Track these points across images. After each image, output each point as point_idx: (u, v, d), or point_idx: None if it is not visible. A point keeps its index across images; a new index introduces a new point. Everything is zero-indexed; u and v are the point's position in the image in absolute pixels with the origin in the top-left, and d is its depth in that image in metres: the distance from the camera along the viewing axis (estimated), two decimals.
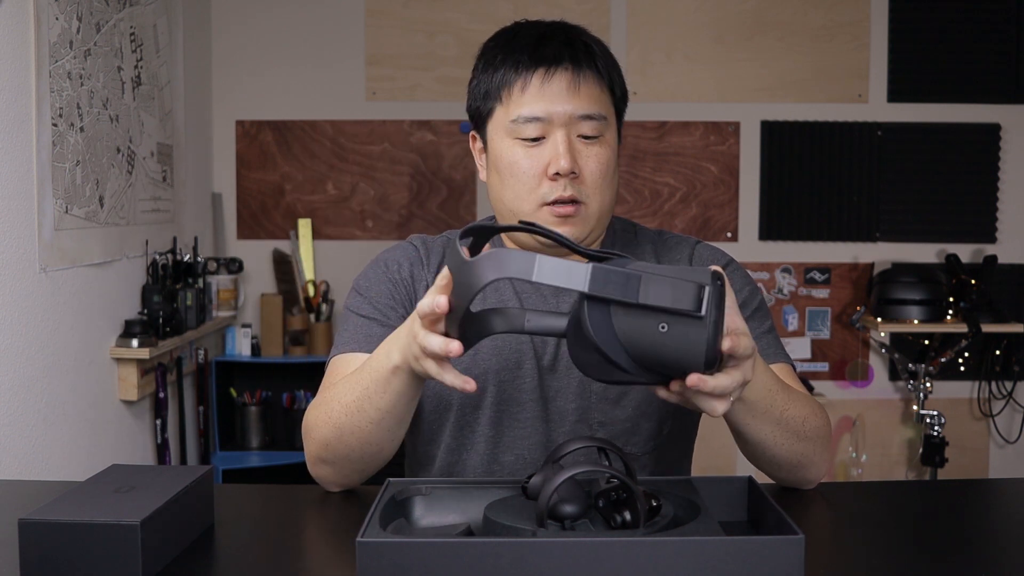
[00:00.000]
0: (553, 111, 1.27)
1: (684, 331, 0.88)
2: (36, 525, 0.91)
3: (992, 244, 3.52)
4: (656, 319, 0.88)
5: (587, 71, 1.29)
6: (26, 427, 2.16)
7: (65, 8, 2.31)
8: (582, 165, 1.28)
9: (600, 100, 1.30)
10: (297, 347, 3.42)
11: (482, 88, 1.34)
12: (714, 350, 0.89)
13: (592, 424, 1.31)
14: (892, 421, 3.59)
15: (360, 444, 1.20)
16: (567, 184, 1.27)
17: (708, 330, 0.87)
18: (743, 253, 3.50)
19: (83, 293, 2.44)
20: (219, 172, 3.57)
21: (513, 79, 1.29)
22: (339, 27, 3.52)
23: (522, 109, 1.28)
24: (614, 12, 3.50)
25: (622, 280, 0.88)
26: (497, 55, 1.32)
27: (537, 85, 1.28)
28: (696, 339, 0.88)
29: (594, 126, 1.29)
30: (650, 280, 0.88)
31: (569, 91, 1.28)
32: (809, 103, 3.52)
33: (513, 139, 1.30)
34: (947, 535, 1.11)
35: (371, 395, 1.15)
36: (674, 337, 0.88)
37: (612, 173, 1.32)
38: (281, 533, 1.15)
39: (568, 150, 1.27)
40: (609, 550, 0.85)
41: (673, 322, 0.88)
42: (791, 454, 1.21)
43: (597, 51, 1.32)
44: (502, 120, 1.31)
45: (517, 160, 1.29)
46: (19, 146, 2.12)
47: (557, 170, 1.26)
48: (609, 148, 1.31)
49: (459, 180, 3.55)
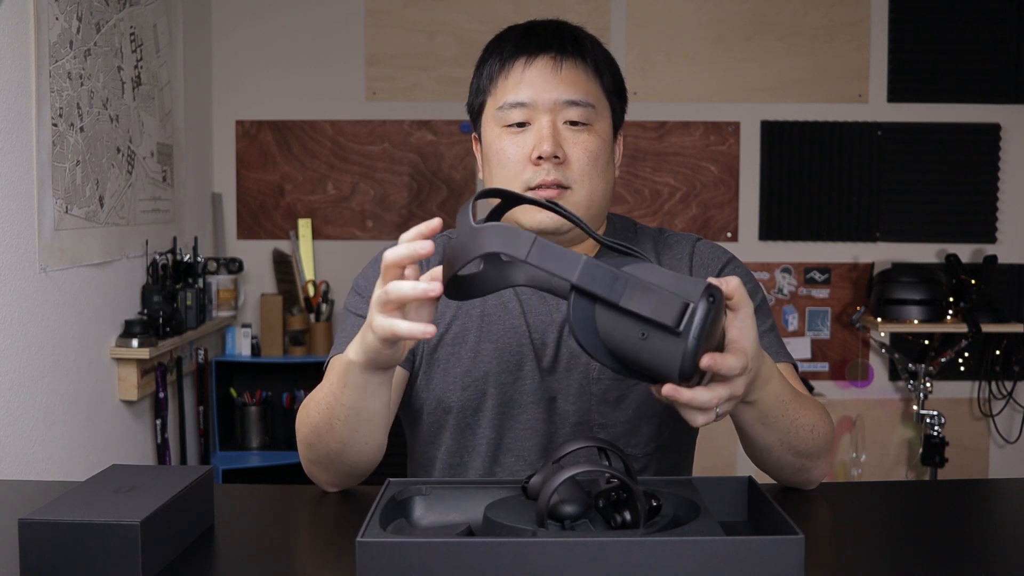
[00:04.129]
0: (536, 96, 1.29)
1: (662, 343, 0.87)
2: (36, 525, 0.91)
3: (992, 244, 3.52)
4: (637, 325, 0.87)
5: (570, 57, 1.31)
6: (26, 427, 2.16)
7: (65, 8, 2.31)
8: (568, 151, 1.29)
9: (587, 87, 1.31)
10: (297, 347, 3.42)
11: (475, 84, 1.37)
12: (690, 366, 0.87)
13: (593, 426, 1.31)
14: (892, 421, 3.59)
15: (337, 444, 1.19)
16: (551, 168, 1.27)
17: (686, 346, 0.86)
18: (743, 253, 3.49)
19: (83, 293, 2.45)
20: (219, 172, 3.57)
21: (500, 69, 1.32)
22: (339, 27, 3.52)
23: (507, 96, 1.30)
24: (614, 12, 3.50)
25: (609, 279, 0.87)
26: (489, 51, 1.36)
27: (519, 71, 1.30)
28: (672, 353, 0.86)
29: (580, 112, 1.29)
30: (636, 286, 0.87)
31: (551, 75, 1.29)
32: (809, 103, 3.52)
33: (501, 127, 1.31)
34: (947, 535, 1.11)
35: (336, 392, 1.15)
36: (652, 346, 0.87)
37: (604, 163, 1.31)
38: (281, 533, 1.15)
39: (552, 134, 1.27)
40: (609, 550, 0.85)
41: (652, 332, 0.87)
42: (797, 459, 1.20)
43: (587, 43, 1.33)
44: (491, 110, 1.33)
45: (504, 147, 1.30)
46: (19, 146, 2.12)
47: (540, 153, 1.27)
48: (598, 137, 1.31)
49: (459, 180, 3.55)
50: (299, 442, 1.27)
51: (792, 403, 1.15)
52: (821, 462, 1.23)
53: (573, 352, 1.32)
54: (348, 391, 1.13)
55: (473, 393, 1.32)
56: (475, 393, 1.32)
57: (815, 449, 1.20)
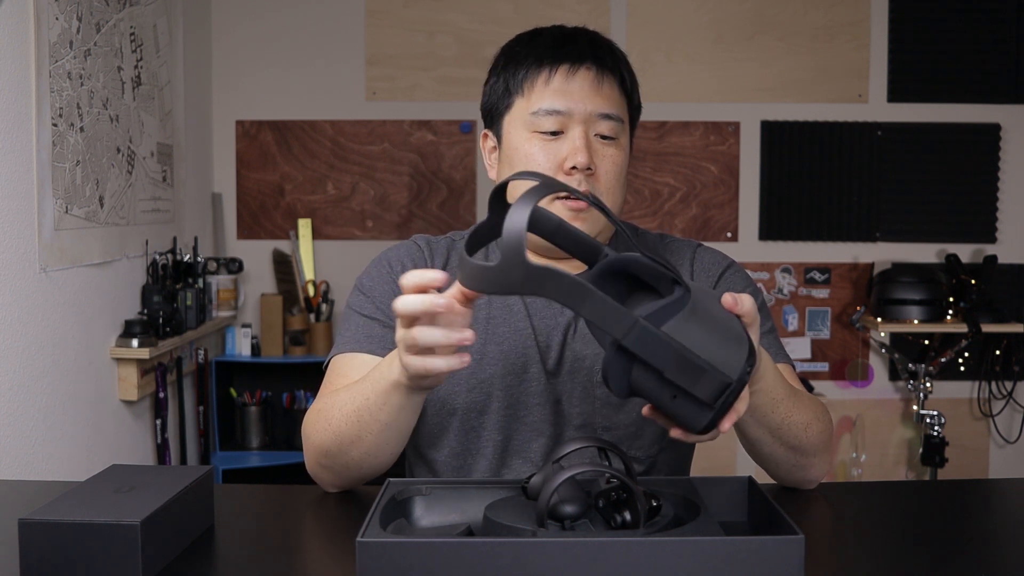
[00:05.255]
0: (574, 107, 1.29)
1: (691, 408, 0.89)
2: (36, 525, 0.91)
3: (992, 244, 3.52)
4: (671, 387, 0.89)
5: (610, 73, 1.32)
6: (26, 427, 2.16)
7: (65, 8, 2.31)
8: (598, 164, 1.30)
9: (619, 103, 1.33)
10: (297, 347, 3.42)
11: (502, 84, 1.35)
12: (712, 429, 0.91)
13: (597, 428, 1.32)
14: (892, 421, 3.59)
15: (361, 455, 1.19)
16: (582, 179, 1.28)
17: (713, 415, 0.89)
18: (743, 253, 3.50)
19: (83, 293, 2.44)
20: (219, 172, 3.57)
21: (536, 73, 1.32)
22: (339, 27, 3.52)
23: (543, 102, 1.30)
24: (614, 12, 3.50)
25: (658, 347, 0.86)
26: (520, 52, 1.35)
27: (561, 79, 1.30)
28: (698, 417, 0.90)
29: (612, 127, 1.31)
30: (682, 359, 0.87)
31: (592, 88, 1.30)
32: (809, 103, 3.52)
33: (531, 132, 1.31)
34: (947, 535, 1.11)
35: (371, 407, 1.14)
36: (680, 407, 0.90)
37: (624, 176, 1.34)
38: (281, 533, 1.15)
39: (586, 146, 1.28)
40: (609, 550, 0.85)
41: (684, 396, 0.89)
42: (790, 455, 1.21)
43: (621, 58, 1.36)
44: (521, 113, 1.32)
45: (533, 152, 1.30)
46: (19, 146, 2.12)
47: (575, 164, 1.28)
48: (623, 151, 1.33)
49: (459, 180, 3.55)
50: (312, 447, 1.24)
51: (785, 400, 1.16)
52: (818, 460, 1.24)
53: (577, 355, 1.32)
54: (388, 409, 1.12)
55: (478, 395, 1.32)
56: (480, 395, 1.32)
57: (809, 446, 1.21)
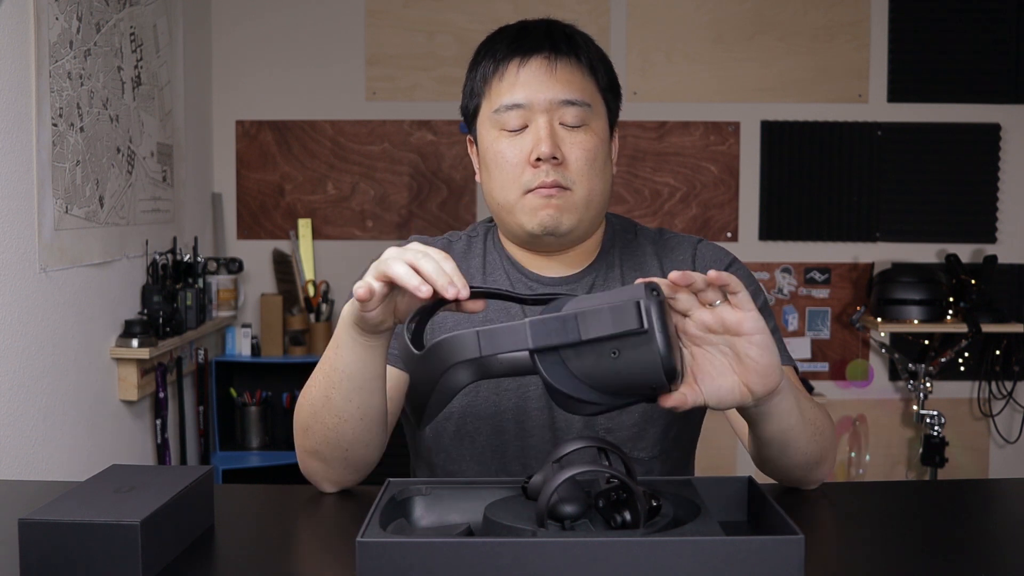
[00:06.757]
0: (532, 97, 1.28)
1: (635, 351, 0.88)
2: (36, 525, 0.91)
3: (992, 244, 3.52)
4: (606, 348, 0.88)
5: (564, 57, 1.29)
6: (26, 427, 2.16)
7: (65, 8, 2.31)
8: (566, 152, 1.28)
9: (582, 87, 1.30)
10: (297, 347, 3.42)
11: (469, 87, 1.36)
12: (670, 361, 0.88)
13: (599, 431, 1.31)
14: (892, 421, 3.59)
15: (334, 419, 1.16)
16: (549, 170, 1.27)
17: (658, 341, 0.87)
18: (743, 253, 3.50)
19: (83, 293, 2.44)
20: (219, 172, 3.57)
21: (492, 71, 1.31)
22: (339, 27, 3.52)
23: (502, 98, 1.29)
24: (614, 12, 3.50)
25: (560, 325, 0.88)
26: (481, 52, 1.35)
27: (513, 72, 1.29)
28: (650, 354, 0.87)
29: (576, 113, 1.29)
30: (586, 315, 0.88)
31: (546, 75, 1.28)
32: (809, 103, 3.52)
33: (498, 131, 1.30)
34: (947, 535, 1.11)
35: (330, 358, 1.15)
36: (628, 360, 0.88)
37: (602, 163, 1.31)
38: (281, 533, 1.15)
39: (549, 135, 1.26)
40: (609, 550, 0.85)
41: (622, 346, 0.88)
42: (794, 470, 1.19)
43: (579, 40, 1.32)
44: (487, 113, 1.32)
45: (501, 150, 1.29)
46: (19, 146, 2.12)
47: (538, 155, 1.26)
48: (595, 136, 1.30)
49: (459, 180, 3.55)
50: (296, 432, 1.23)
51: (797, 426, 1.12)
52: (824, 464, 1.23)
53: None
54: (340, 351, 1.13)
55: (476, 399, 1.32)
56: (478, 399, 1.32)
57: (820, 452, 1.20)
